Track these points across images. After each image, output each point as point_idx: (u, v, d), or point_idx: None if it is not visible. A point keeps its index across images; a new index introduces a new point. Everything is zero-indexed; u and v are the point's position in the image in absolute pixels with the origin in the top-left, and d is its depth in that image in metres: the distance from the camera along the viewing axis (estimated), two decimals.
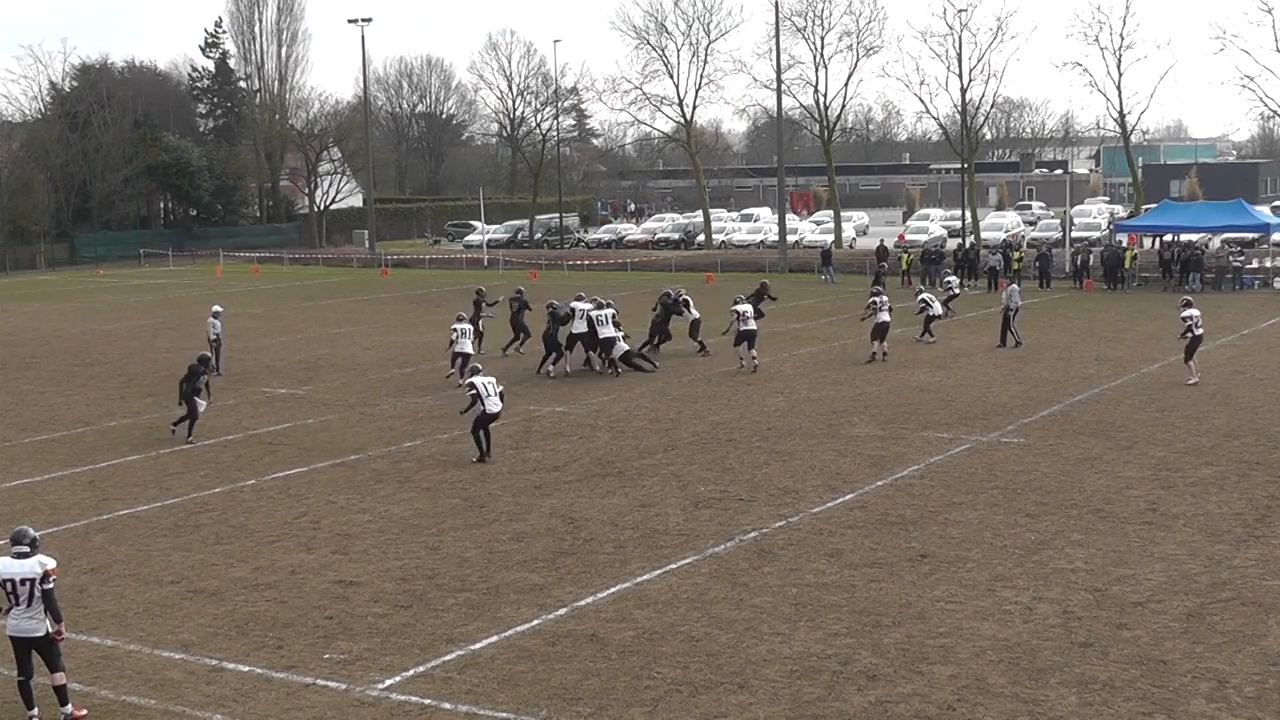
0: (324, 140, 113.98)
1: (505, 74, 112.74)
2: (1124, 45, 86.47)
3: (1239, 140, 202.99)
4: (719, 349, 41.42)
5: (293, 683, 15.70)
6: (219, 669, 16.18)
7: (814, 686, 15.23)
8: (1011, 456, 27.01)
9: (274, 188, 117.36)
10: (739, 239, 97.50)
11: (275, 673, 16.00)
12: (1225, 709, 14.44)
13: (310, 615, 18.09)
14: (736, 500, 23.85)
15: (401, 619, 17.85)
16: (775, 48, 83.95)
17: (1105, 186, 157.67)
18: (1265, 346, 42.31)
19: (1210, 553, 20.15)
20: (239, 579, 19.82)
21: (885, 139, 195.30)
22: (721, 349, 41.16)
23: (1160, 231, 71.27)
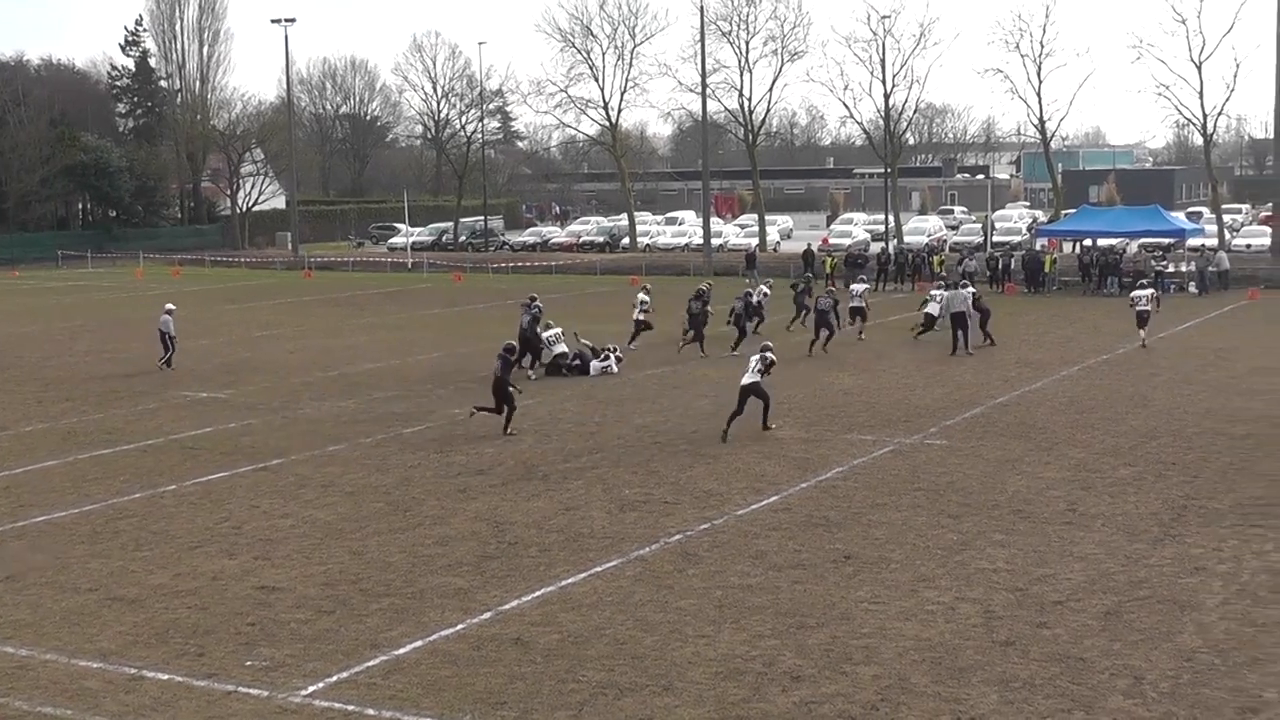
0: (247, 141, 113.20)
1: (430, 76, 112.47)
2: (1044, 53, 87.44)
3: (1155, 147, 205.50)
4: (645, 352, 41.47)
5: (214, 690, 15.57)
6: (138, 677, 16.02)
7: (739, 688, 15.29)
8: (934, 458, 27.22)
9: (196, 189, 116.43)
10: (664, 242, 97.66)
11: (196, 680, 15.87)
12: (1142, 705, 14.63)
13: (232, 621, 17.96)
14: (661, 503, 23.89)
15: (325, 624, 17.75)
16: (700, 52, 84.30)
17: (1026, 191, 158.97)
18: (1181, 350, 42.85)
19: (1128, 552, 20.40)
20: (159, 586, 19.64)
21: (809, 143, 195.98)
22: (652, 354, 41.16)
23: (1079, 236, 72.08)
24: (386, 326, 53.93)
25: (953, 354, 41.67)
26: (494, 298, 66.57)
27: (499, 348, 31.47)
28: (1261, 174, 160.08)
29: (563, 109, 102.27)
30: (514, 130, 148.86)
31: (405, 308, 62.68)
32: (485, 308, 61.80)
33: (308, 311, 61.03)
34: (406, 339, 48.97)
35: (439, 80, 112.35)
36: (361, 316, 58.53)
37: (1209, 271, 63.16)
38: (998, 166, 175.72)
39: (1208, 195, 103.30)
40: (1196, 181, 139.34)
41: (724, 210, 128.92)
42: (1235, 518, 22.29)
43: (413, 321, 56.08)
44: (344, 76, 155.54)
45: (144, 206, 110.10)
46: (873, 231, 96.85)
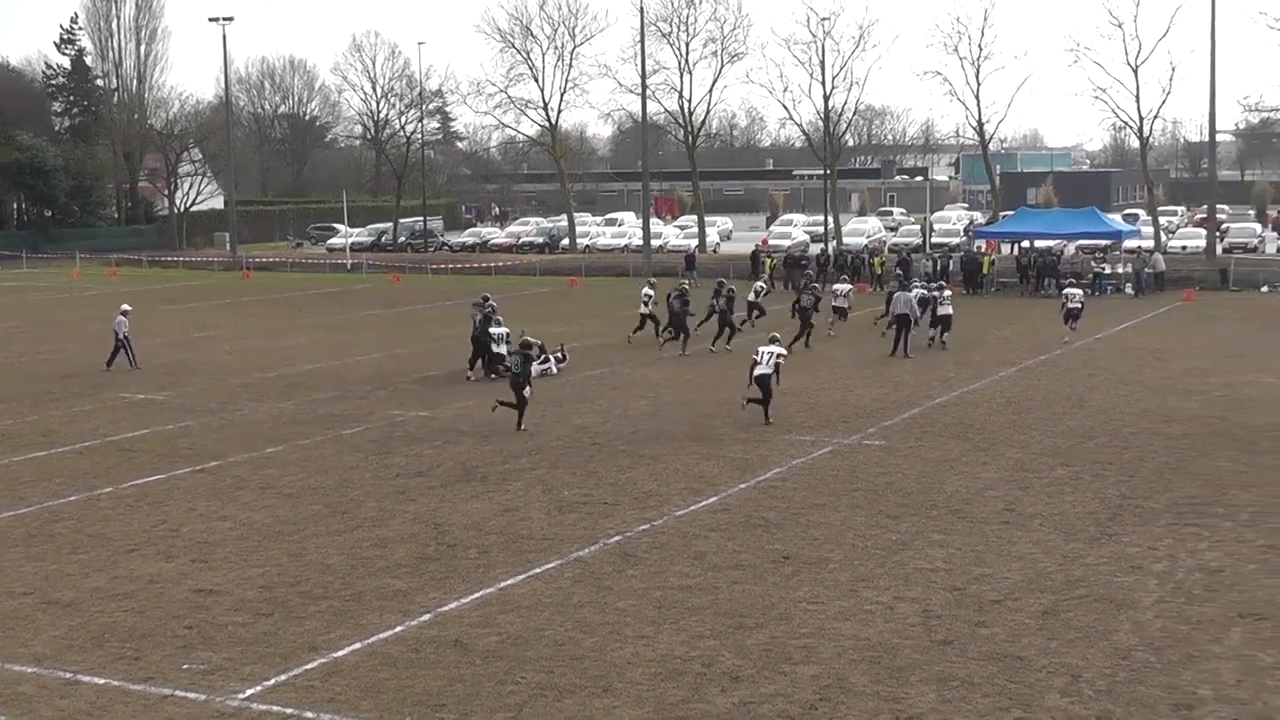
0: (184, 141, 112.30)
1: (369, 76, 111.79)
2: (982, 56, 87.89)
3: (1092, 150, 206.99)
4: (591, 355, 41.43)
5: (150, 694, 15.44)
6: (74, 682, 15.86)
7: (678, 688, 15.30)
8: (873, 458, 27.33)
9: (133, 189, 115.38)
10: (603, 243, 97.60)
11: (132, 685, 15.73)
12: (1078, 702, 14.74)
13: (169, 625, 17.82)
14: (601, 504, 23.88)
15: (263, 627, 17.64)
16: (640, 53, 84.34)
17: (964, 193, 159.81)
18: (1118, 350, 43.22)
19: (1065, 551, 20.55)
20: (95, 589, 19.46)
21: (749, 144, 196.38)
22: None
23: (1017, 238, 72.58)
24: (325, 327, 53.67)
25: (892, 355, 41.87)
26: (433, 299, 66.38)
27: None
28: (1196, 177, 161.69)
29: (502, 109, 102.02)
30: (453, 131, 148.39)
31: (344, 308, 62.42)
32: (425, 308, 61.62)
33: (246, 312, 60.66)
34: (346, 340, 48.75)
35: (378, 80, 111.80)
36: (300, 317, 58.23)
37: (1145, 273, 63.75)
38: (936, 168, 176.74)
39: (1144, 197, 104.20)
40: (1133, 184, 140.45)
41: (664, 211, 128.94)
42: (1171, 517, 22.50)
43: (352, 322, 55.85)
44: (283, 76, 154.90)
45: (80, 206, 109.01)
46: (812, 233, 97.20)
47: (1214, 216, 77.06)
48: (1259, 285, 65.08)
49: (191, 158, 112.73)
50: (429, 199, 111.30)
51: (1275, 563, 19.87)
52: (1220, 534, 21.43)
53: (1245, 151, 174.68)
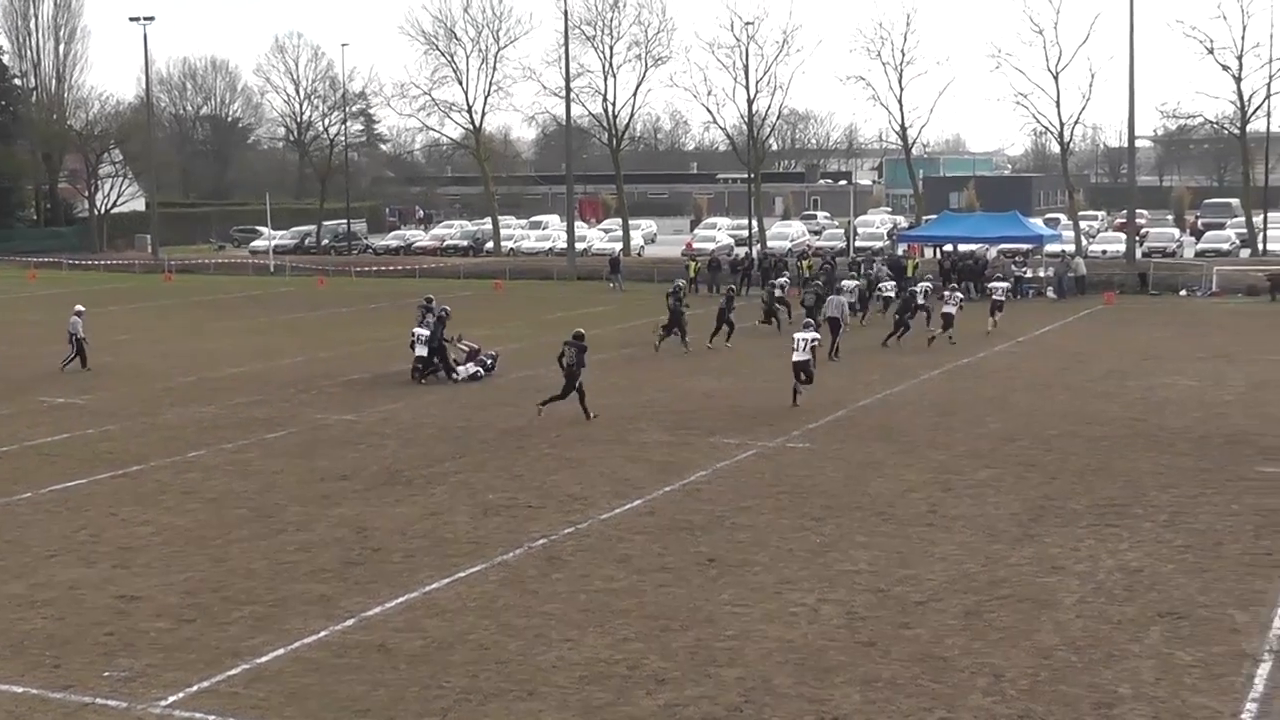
0: (105, 141, 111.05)
1: (292, 77, 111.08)
2: (905, 61, 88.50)
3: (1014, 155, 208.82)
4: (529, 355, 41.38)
5: (70, 702, 15.26)
6: None
7: (603, 692, 15.29)
8: (797, 461, 27.43)
9: (52, 190, 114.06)
10: (528, 246, 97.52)
11: (52, 693, 15.53)
12: (1001, 702, 14.86)
13: (90, 632, 17.61)
14: (526, 507, 23.84)
15: (185, 633, 17.48)
16: (564, 56, 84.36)
17: (888, 197, 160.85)
18: (1040, 353, 43.63)
19: (988, 552, 20.71)
20: (14, 596, 19.21)
21: (673, 148, 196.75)
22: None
23: (940, 241, 73.10)
24: (248, 331, 53.30)
25: (829, 358, 42.08)
26: (357, 302, 66.08)
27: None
28: (1116, 182, 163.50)
29: (426, 112, 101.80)
30: (377, 133, 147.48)
31: (268, 311, 62.01)
32: (348, 311, 61.34)
33: (168, 315, 60.12)
34: (269, 343, 48.44)
35: (301, 82, 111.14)
36: (223, 320, 57.81)
37: (1067, 277, 64.44)
38: (860, 172, 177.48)
39: (1065, 202, 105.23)
40: (1054, 188, 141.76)
41: (588, 214, 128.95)
42: (1092, 518, 22.72)
43: (275, 325, 55.49)
44: (205, 77, 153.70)
45: None
46: (736, 236, 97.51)
47: (1133, 221, 77.87)
48: (1177, 289, 65.90)
49: (112, 159, 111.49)
50: (353, 201, 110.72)
51: (1193, 563, 20.11)
52: (1140, 534, 21.67)
53: (1163, 157, 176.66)
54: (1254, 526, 22.12)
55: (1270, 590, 18.75)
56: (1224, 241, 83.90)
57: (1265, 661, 16.01)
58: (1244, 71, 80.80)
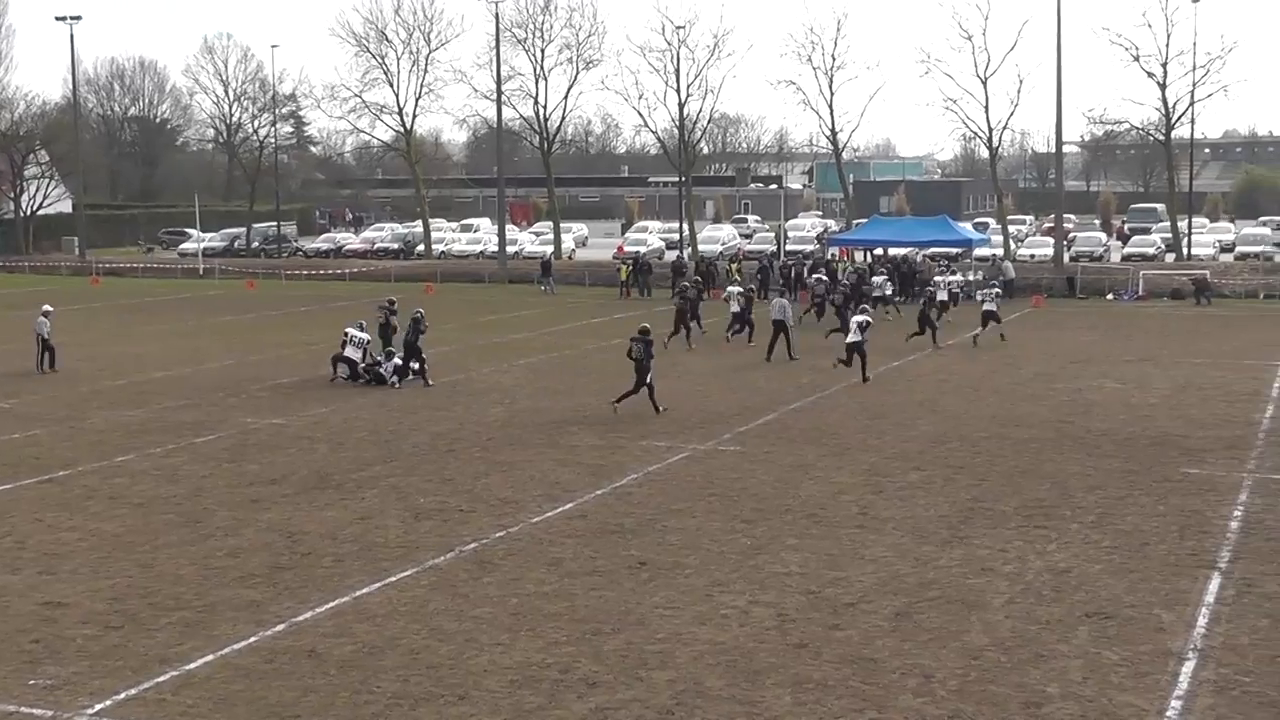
0: (30, 142, 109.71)
1: (221, 78, 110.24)
2: (835, 66, 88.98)
3: (943, 159, 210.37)
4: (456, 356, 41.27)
5: None
6: None
7: (535, 695, 15.28)
8: (728, 464, 27.50)
9: None
10: (459, 249, 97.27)
11: None
12: (931, 702, 14.96)
13: (14, 639, 17.40)
14: (456, 511, 23.78)
15: (113, 640, 17.31)
16: (495, 59, 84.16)
17: (818, 201, 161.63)
18: (969, 356, 43.94)
19: (918, 554, 20.84)
20: None
21: (604, 151, 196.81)
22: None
23: (870, 245, 73.47)
24: (177, 334, 52.87)
25: (767, 360, 42.33)
26: (287, 305, 65.70)
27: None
28: (1044, 187, 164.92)
29: (357, 114, 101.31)
30: (307, 135, 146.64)
31: (197, 314, 61.53)
32: (278, 315, 60.98)
33: (96, 318, 59.49)
34: (198, 346, 48.07)
35: (231, 83, 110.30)
36: (152, 323, 57.30)
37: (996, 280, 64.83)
38: (791, 176, 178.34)
39: (994, 206, 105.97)
40: (983, 193, 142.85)
41: (519, 218, 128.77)
42: (1020, 519, 22.91)
43: (204, 329, 55.07)
44: (133, 77, 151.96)
45: None
46: (667, 240, 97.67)
47: (1061, 225, 78.59)
48: (1104, 293, 66.56)
49: (38, 159, 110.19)
50: (283, 204, 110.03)
51: (1120, 563, 20.32)
52: (1068, 535, 21.87)
53: (1090, 163, 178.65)
54: (1179, 527, 22.38)
55: (1195, 590, 18.98)
56: (1150, 246, 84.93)
57: (1190, 660, 16.20)
58: (1168, 79, 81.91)
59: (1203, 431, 30.64)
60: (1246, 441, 29.56)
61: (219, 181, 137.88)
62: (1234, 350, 45.55)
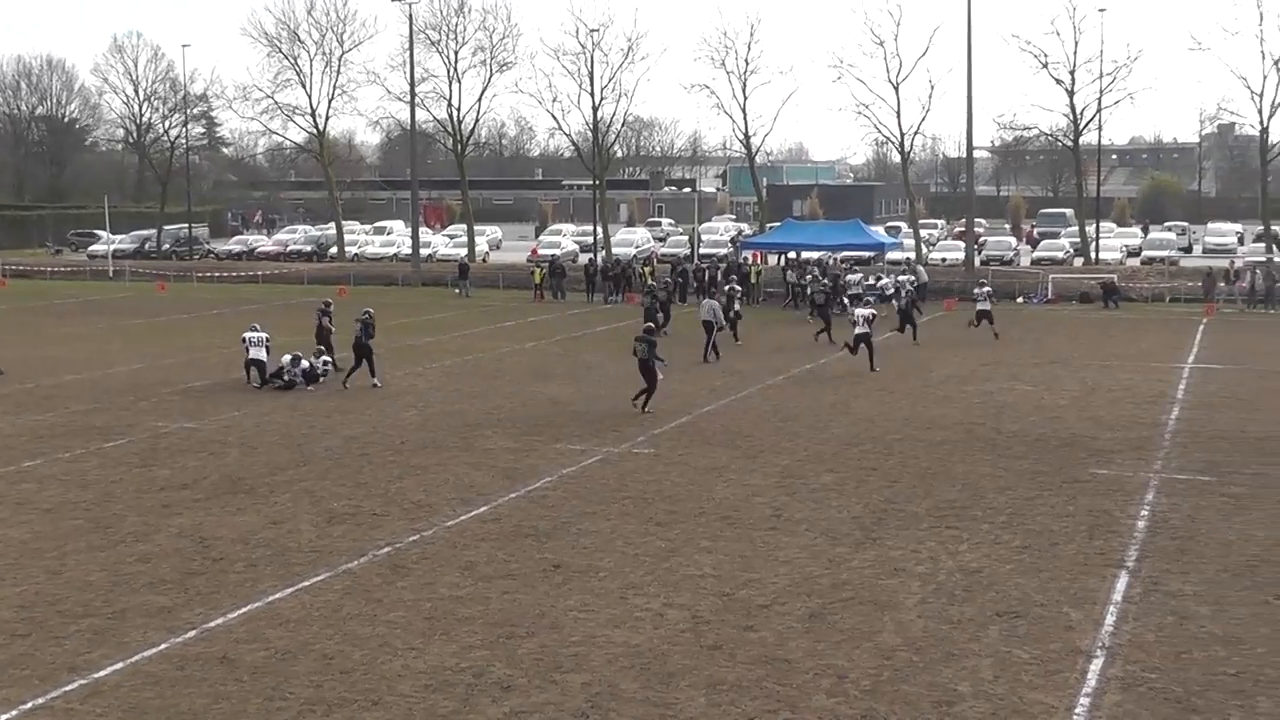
0: None
1: (131, 78, 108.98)
2: (749, 70, 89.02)
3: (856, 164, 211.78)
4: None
5: None
6: None
7: (448, 700, 15.24)
8: (642, 466, 27.54)
9: None
10: (372, 252, 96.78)
11: None
12: (844, 702, 15.06)
13: None
14: (370, 515, 23.67)
15: (19, 649, 17.08)
16: (409, 60, 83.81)
17: (732, 205, 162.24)
18: (880, 359, 44.15)
19: (831, 555, 20.96)
20: None
21: (518, 154, 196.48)
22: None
23: (783, 249, 73.81)
24: (86, 337, 52.25)
25: (704, 361, 42.45)
26: (199, 307, 65.12)
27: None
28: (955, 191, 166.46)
29: (269, 115, 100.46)
30: (219, 136, 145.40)
31: (106, 317, 60.84)
32: (190, 317, 60.42)
33: (2, 321, 58.67)
34: (107, 349, 47.54)
35: (141, 83, 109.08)
36: (60, 326, 56.61)
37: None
38: (704, 180, 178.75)
39: (906, 210, 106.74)
40: (895, 197, 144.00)
41: (433, 220, 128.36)
42: (932, 520, 23.11)
43: (114, 331, 54.45)
44: (40, 76, 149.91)
45: None
46: (581, 243, 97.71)
47: (972, 229, 79.25)
48: (1014, 296, 67.22)
49: None
50: (194, 205, 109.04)
51: (1030, 563, 20.54)
52: (979, 536, 22.09)
53: (1000, 167, 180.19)
54: (1088, 527, 22.65)
55: (1103, 588, 19.23)
56: (1059, 250, 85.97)
57: (1098, 658, 16.42)
58: (1076, 86, 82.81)
59: (1111, 433, 31.04)
60: (1153, 442, 29.98)
61: (129, 182, 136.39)
62: (1141, 353, 46.18)
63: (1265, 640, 17.08)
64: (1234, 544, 21.58)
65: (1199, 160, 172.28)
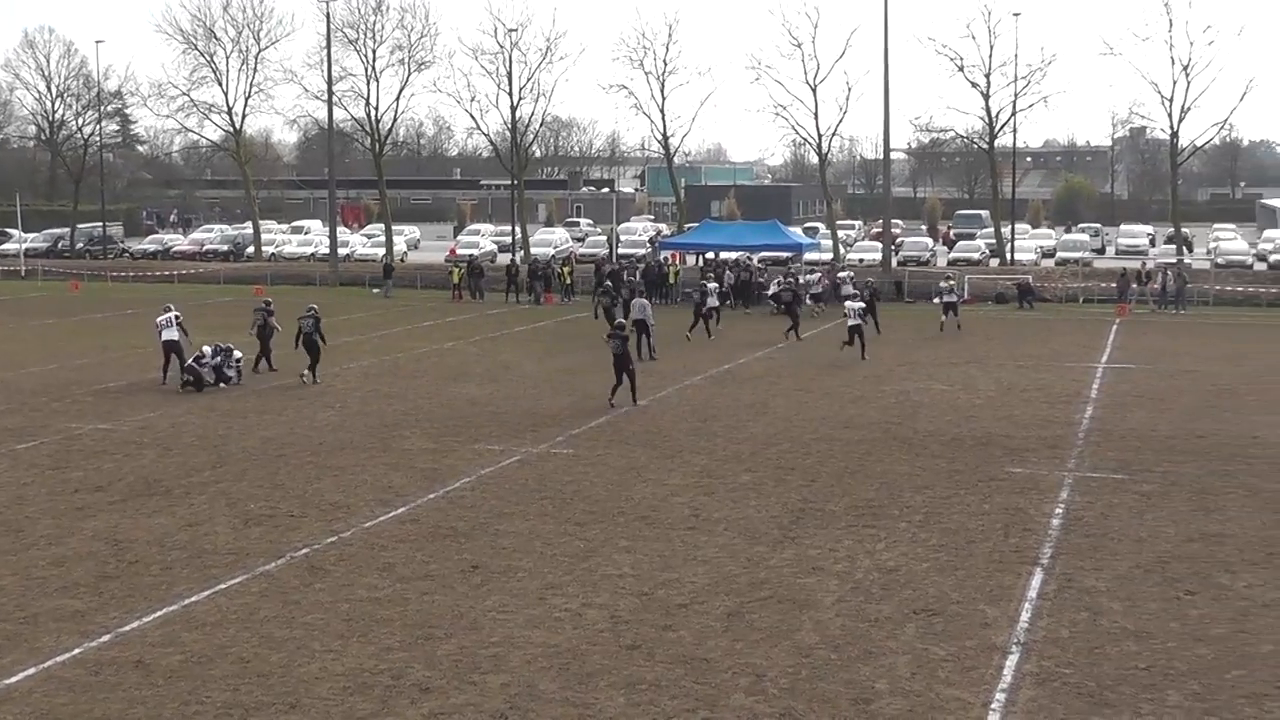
0: None
1: (43, 74, 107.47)
2: (667, 71, 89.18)
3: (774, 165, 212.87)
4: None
5: None
6: None
7: (367, 702, 15.17)
8: (561, 467, 27.53)
9: None
10: (289, 251, 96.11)
11: None
12: (763, 701, 15.13)
13: None
14: (287, 517, 23.52)
15: None
16: (327, 59, 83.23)
17: (650, 205, 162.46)
18: (799, 359, 44.44)
19: (749, 554, 21.05)
20: None
21: (437, 154, 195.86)
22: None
23: (702, 249, 74.00)
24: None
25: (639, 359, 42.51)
26: (113, 307, 64.43)
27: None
28: (872, 192, 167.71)
29: (185, 113, 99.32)
30: (134, 134, 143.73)
31: (17, 317, 60.07)
32: (104, 317, 59.78)
33: None
34: (19, 350, 46.94)
35: (53, 79, 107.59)
36: None
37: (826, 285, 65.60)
38: (623, 180, 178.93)
39: (823, 212, 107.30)
40: (813, 198, 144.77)
41: (350, 220, 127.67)
42: (850, 519, 23.25)
43: (25, 331, 53.78)
44: None
45: None
46: (500, 243, 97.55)
47: (889, 230, 79.75)
48: (931, 296, 67.67)
49: None
50: (109, 204, 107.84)
51: (946, 561, 20.72)
52: (896, 534, 22.25)
53: (917, 169, 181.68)
54: (1003, 525, 22.88)
55: (1018, 585, 19.43)
56: (975, 251, 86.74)
57: (1013, 653, 16.59)
58: (991, 89, 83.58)
59: (1026, 432, 31.36)
60: (1067, 441, 30.32)
61: (41, 180, 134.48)
62: (1055, 353, 46.68)
63: (1175, 635, 17.34)
64: (1145, 541, 21.88)
65: (1111, 163, 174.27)
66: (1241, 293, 68.14)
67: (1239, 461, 28.03)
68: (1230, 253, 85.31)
